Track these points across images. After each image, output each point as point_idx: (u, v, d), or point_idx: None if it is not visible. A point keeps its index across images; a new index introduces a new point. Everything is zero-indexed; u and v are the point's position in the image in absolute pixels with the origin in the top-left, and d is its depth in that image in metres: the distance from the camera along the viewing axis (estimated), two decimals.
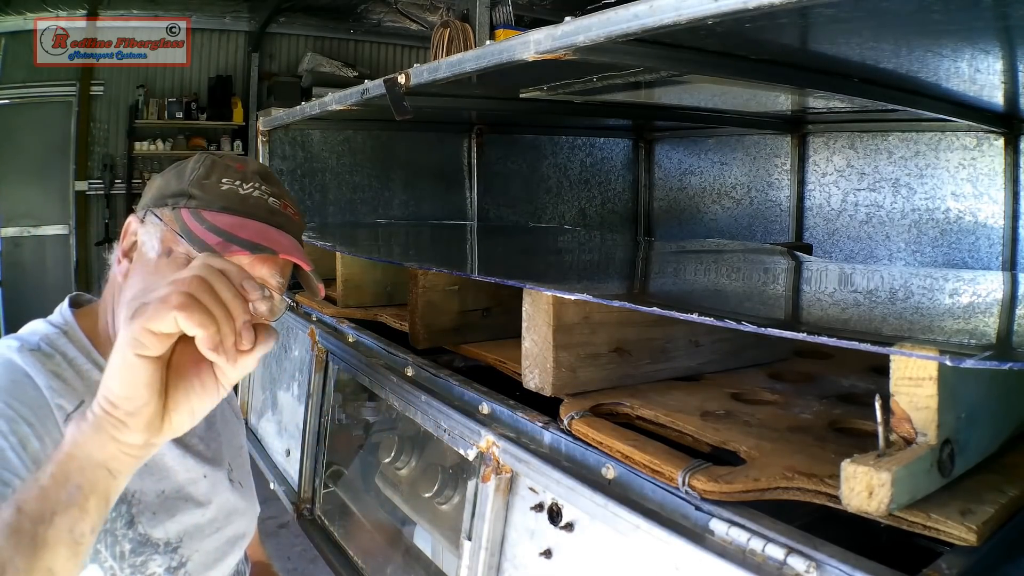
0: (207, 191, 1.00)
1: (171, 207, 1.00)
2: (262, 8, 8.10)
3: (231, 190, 1.02)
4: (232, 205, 1.01)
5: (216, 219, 0.99)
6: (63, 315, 1.04)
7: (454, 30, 4.93)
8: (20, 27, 7.28)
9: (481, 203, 2.72)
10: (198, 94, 8.33)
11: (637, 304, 0.92)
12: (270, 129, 2.36)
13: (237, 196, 1.02)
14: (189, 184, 1.01)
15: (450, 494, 1.13)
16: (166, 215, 1.00)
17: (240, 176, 1.03)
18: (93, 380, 0.97)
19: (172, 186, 1.01)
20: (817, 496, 0.70)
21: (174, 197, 1.00)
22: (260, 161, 1.11)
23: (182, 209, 0.99)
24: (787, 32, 0.95)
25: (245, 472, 1.24)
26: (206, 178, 1.01)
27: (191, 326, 0.70)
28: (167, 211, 1.00)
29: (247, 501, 1.20)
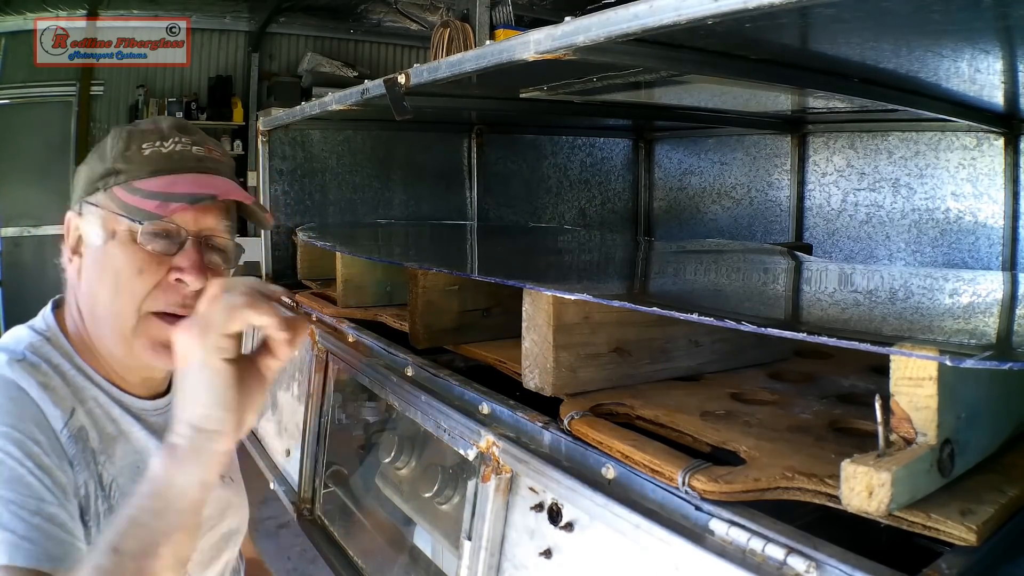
0: (131, 161, 0.98)
1: (102, 189, 0.98)
2: (262, 8, 8.10)
3: (154, 152, 0.99)
4: (159, 166, 0.98)
5: (147, 184, 0.97)
6: (46, 320, 1.02)
7: (454, 30, 4.93)
8: (20, 27, 7.28)
9: (481, 203, 2.72)
10: (198, 94, 8.33)
11: (637, 304, 0.92)
12: (270, 129, 2.36)
13: (161, 156, 0.99)
14: (112, 161, 0.98)
15: (450, 494, 1.13)
16: (100, 199, 0.98)
17: (158, 136, 1.00)
18: (78, 386, 0.96)
19: (97, 169, 0.99)
20: (817, 496, 0.70)
21: (102, 179, 0.98)
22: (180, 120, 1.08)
23: (113, 188, 0.97)
24: (787, 32, 0.95)
25: (234, 467, 1.23)
26: (127, 150, 0.99)
27: (261, 317, 0.80)
28: (100, 195, 0.98)
29: (238, 496, 1.20)
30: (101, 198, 0.98)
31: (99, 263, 0.97)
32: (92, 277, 0.98)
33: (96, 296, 0.98)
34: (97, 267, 0.98)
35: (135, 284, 0.96)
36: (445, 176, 2.67)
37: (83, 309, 0.99)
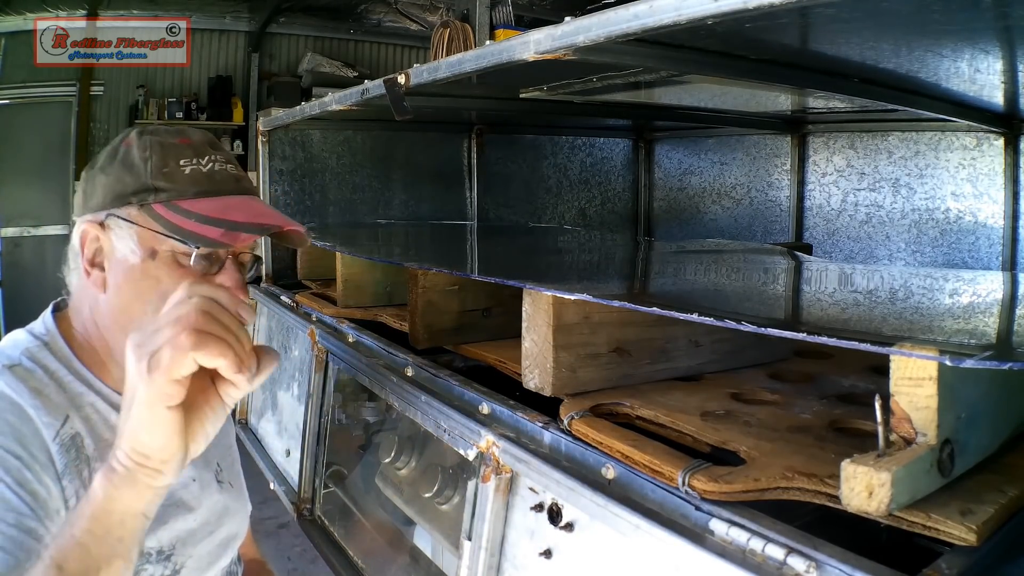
0: (173, 179, 0.95)
1: (137, 205, 0.94)
2: (262, 8, 8.10)
3: (195, 171, 0.96)
4: (204, 188, 0.96)
5: (196, 207, 0.94)
6: (46, 324, 1.00)
7: (454, 30, 4.93)
8: (20, 27, 7.29)
9: (481, 203, 2.72)
10: (198, 94, 8.33)
11: (637, 304, 0.92)
12: (270, 129, 2.36)
13: (203, 176, 0.97)
14: (150, 176, 0.95)
15: (450, 494, 1.13)
16: (134, 215, 0.94)
17: (194, 152, 0.97)
18: (76, 392, 0.94)
19: (128, 182, 0.95)
20: (817, 496, 0.70)
21: (137, 194, 0.94)
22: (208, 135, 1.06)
23: (154, 205, 0.94)
24: (787, 32, 0.95)
25: (235, 471, 1.22)
26: (164, 165, 0.95)
27: (211, 359, 0.71)
28: (133, 210, 0.94)
29: (238, 501, 1.19)
30: (135, 214, 0.94)
31: (137, 281, 0.95)
32: (126, 293, 0.95)
33: (132, 313, 0.95)
34: (134, 285, 0.95)
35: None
36: (445, 176, 2.67)
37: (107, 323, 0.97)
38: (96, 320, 0.98)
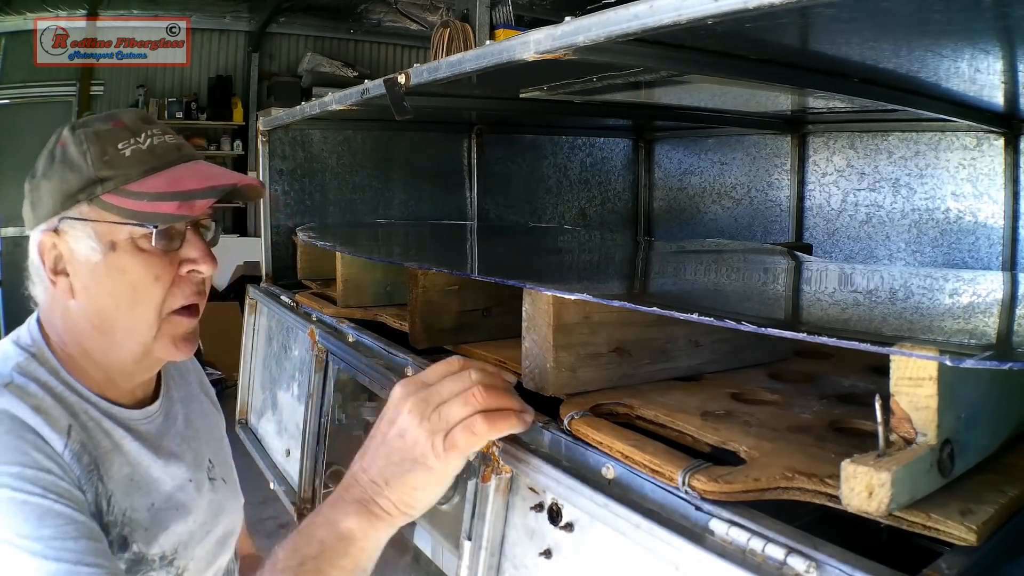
0: (115, 165, 0.92)
1: (87, 201, 0.92)
2: (262, 8, 8.11)
3: (136, 150, 0.94)
4: (148, 164, 0.94)
5: (146, 186, 0.92)
6: (31, 334, 0.98)
7: (454, 30, 4.93)
8: (20, 27, 7.29)
9: (481, 203, 2.72)
10: (198, 94, 8.34)
11: (637, 304, 0.92)
12: (270, 129, 2.36)
13: (145, 153, 0.94)
14: (92, 169, 0.92)
15: (450, 494, 1.12)
16: (86, 211, 0.92)
17: (130, 132, 0.95)
18: (69, 401, 0.92)
19: (72, 180, 0.93)
20: (817, 496, 0.70)
21: (84, 190, 0.92)
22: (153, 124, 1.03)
23: (103, 196, 0.92)
24: (787, 32, 0.95)
25: (228, 466, 1.21)
26: (104, 154, 0.93)
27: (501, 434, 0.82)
28: (84, 207, 0.92)
29: (231, 497, 1.18)
30: (87, 210, 0.92)
31: (103, 279, 0.93)
32: (97, 294, 0.94)
33: (106, 312, 0.94)
34: (102, 283, 0.93)
35: (154, 291, 0.94)
36: (445, 176, 2.67)
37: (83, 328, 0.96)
38: (70, 327, 0.96)
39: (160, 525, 0.99)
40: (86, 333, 0.96)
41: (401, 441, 0.80)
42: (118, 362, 0.98)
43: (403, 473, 0.80)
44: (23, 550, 0.79)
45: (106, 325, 0.95)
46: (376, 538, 0.82)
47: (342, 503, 0.82)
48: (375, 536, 0.81)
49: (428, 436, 0.79)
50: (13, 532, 0.79)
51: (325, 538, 0.80)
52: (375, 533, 0.81)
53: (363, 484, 0.82)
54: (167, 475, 1.03)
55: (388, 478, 0.81)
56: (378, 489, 0.81)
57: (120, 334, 0.96)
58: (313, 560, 0.79)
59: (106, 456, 0.94)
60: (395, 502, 0.81)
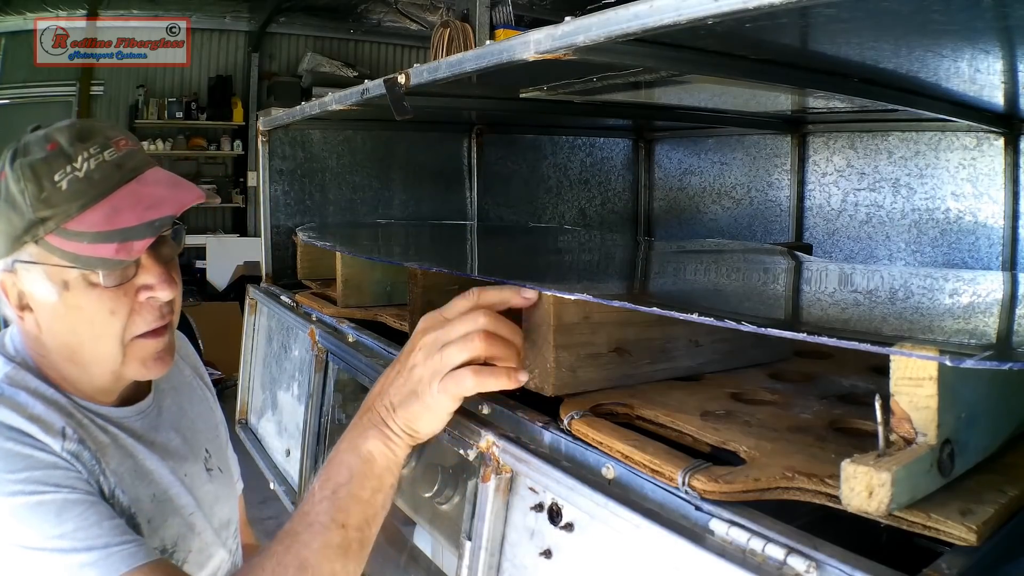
0: (52, 204, 0.88)
1: (32, 242, 0.90)
2: (262, 8, 8.11)
3: (72, 180, 0.89)
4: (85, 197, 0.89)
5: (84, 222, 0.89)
6: (15, 344, 0.98)
7: (454, 30, 4.93)
8: (20, 27, 7.30)
9: (481, 203, 2.71)
10: (198, 94, 8.35)
11: (637, 304, 0.92)
12: (270, 129, 2.36)
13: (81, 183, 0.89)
14: (31, 209, 0.88)
15: (450, 494, 1.12)
16: (34, 252, 0.90)
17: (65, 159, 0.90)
18: (62, 404, 0.93)
19: (15, 222, 0.90)
20: (817, 496, 0.70)
21: (27, 232, 0.89)
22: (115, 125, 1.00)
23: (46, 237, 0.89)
24: (787, 32, 0.95)
25: (224, 454, 1.21)
26: (40, 190, 0.88)
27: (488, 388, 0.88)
28: (32, 247, 0.90)
29: (227, 486, 1.18)
30: (35, 251, 0.90)
31: (63, 317, 0.92)
32: (60, 331, 0.93)
33: (72, 347, 0.94)
34: (62, 321, 0.93)
35: (112, 325, 0.93)
36: (445, 176, 2.67)
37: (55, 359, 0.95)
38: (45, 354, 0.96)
39: (161, 516, 1.00)
40: (57, 362, 0.96)
41: (410, 374, 0.90)
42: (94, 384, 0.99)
43: (407, 402, 0.89)
44: (53, 551, 0.79)
45: (75, 356, 0.95)
46: (393, 457, 0.89)
47: (360, 428, 0.90)
48: (392, 456, 0.89)
49: (430, 376, 0.87)
50: (39, 536, 0.80)
51: (352, 463, 0.88)
52: (391, 453, 0.89)
53: (376, 409, 0.90)
54: (164, 467, 1.03)
55: (395, 404, 0.89)
56: (388, 413, 0.89)
57: (88, 365, 0.96)
58: (345, 486, 0.86)
59: (105, 450, 0.95)
60: (402, 426, 0.89)
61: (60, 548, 0.80)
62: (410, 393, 0.89)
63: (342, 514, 0.85)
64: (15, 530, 0.80)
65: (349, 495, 0.86)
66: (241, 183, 8.57)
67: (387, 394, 0.90)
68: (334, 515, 0.85)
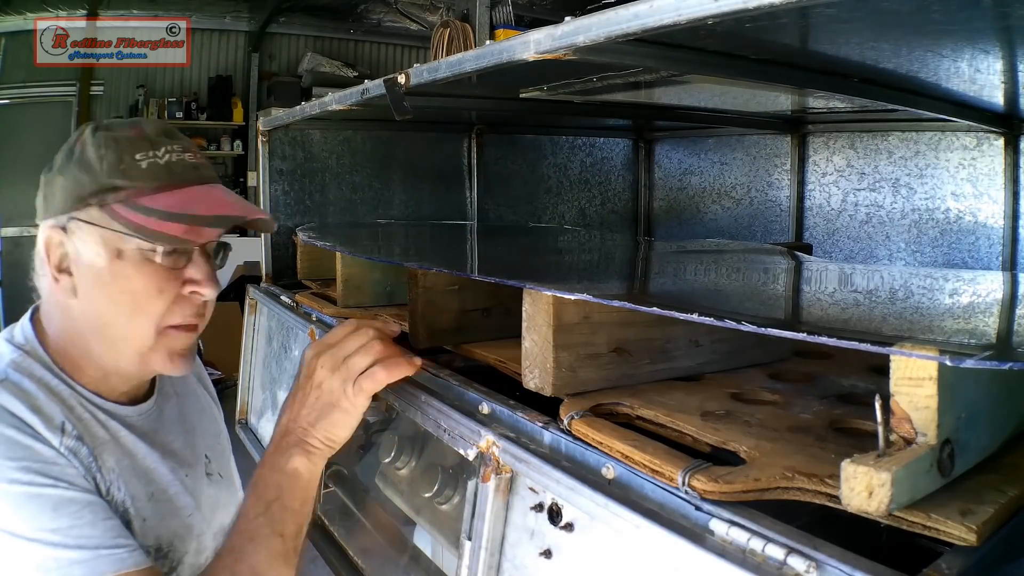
0: (130, 176, 0.92)
1: (97, 206, 0.92)
2: (262, 8, 8.11)
3: (152, 164, 0.94)
4: (163, 181, 0.94)
5: (157, 202, 0.93)
6: (24, 332, 0.98)
7: (454, 30, 4.94)
8: (20, 27, 7.30)
9: (481, 203, 2.71)
10: (198, 94, 8.35)
11: (637, 304, 0.92)
12: (270, 129, 2.36)
13: (160, 168, 0.94)
14: (106, 174, 0.92)
15: (450, 494, 1.12)
16: (95, 216, 0.92)
17: (148, 144, 0.95)
18: (64, 396, 0.93)
19: (85, 182, 0.93)
20: (817, 496, 0.70)
21: (96, 195, 0.92)
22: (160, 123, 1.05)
23: (112, 205, 0.92)
24: (787, 32, 0.95)
25: (225, 460, 1.22)
26: (120, 162, 0.92)
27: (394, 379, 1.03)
28: (94, 211, 0.92)
29: (228, 491, 1.19)
30: (96, 215, 0.92)
31: (106, 284, 0.94)
32: (98, 298, 0.94)
33: (106, 317, 0.95)
34: (104, 288, 0.94)
35: (155, 303, 0.96)
36: (445, 176, 2.67)
37: (82, 328, 0.96)
38: (69, 326, 0.97)
39: (157, 515, 1.00)
40: (84, 332, 0.97)
41: (319, 391, 1.00)
42: (114, 365, 0.99)
43: (325, 415, 1.00)
44: (45, 543, 0.81)
45: (105, 329, 0.96)
46: (315, 470, 1.00)
47: (281, 450, 0.99)
48: (314, 469, 1.00)
49: (341, 384, 0.99)
50: (33, 527, 0.81)
51: (279, 481, 0.97)
52: (313, 466, 1.00)
53: (294, 431, 1.00)
54: (164, 467, 1.04)
55: (313, 421, 1.00)
56: (308, 431, 1.00)
57: (118, 340, 0.97)
58: (277, 501, 0.95)
59: (103, 447, 0.95)
60: (321, 439, 1.00)
61: (52, 542, 0.81)
62: (326, 406, 0.99)
63: (279, 525, 0.93)
64: (7, 517, 0.81)
65: (282, 508, 0.95)
66: (241, 183, 8.57)
67: (300, 417, 1.00)
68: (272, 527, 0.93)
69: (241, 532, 0.93)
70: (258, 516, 0.93)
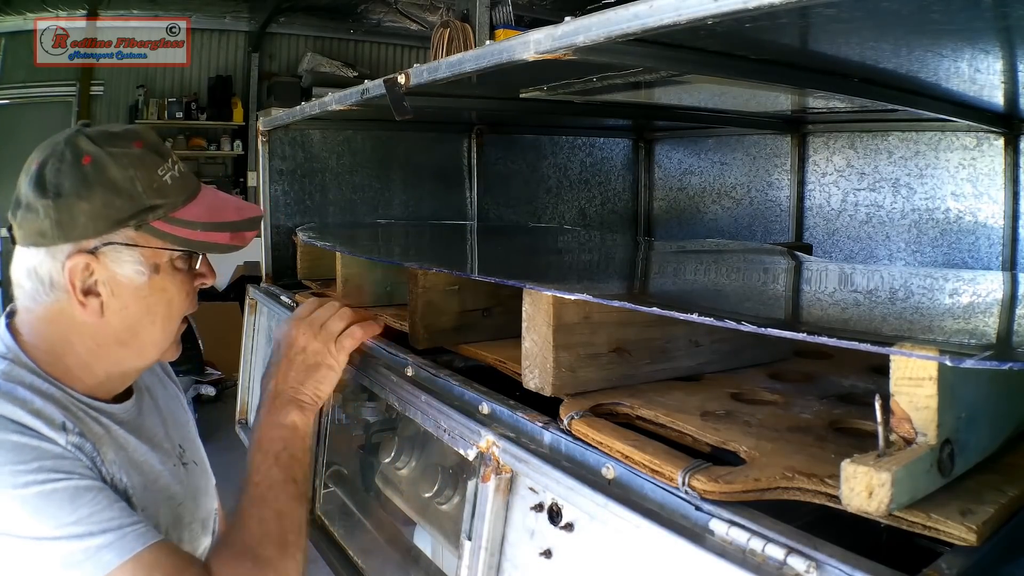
0: (164, 193, 0.97)
1: (135, 227, 0.95)
2: (262, 8, 8.11)
3: (173, 177, 0.99)
4: (186, 193, 1.01)
5: (190, 214, 1.00)
6: (5, 343, 0.97)
7: (454, 30, 4.94)
8: (20, 27, 7.30)
9: (481, 203, 2.71)
10: (198, 94, 8.34)
11: (637, 304, 0.92)
12: (270, 129, 2.36)
13: (181, 181, 1.01)
14: (145, 196, 0.95)
15: (450, 494, 1.13)
16: (134, 236, 0.95)
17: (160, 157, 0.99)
18: (58, 397, 0.93)
19: (120, 205, 0.93)
20: (817, 496, 0.70)
21: (135, 216, 0.94)
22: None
23: (153, 223, 0.96)
24: (787, 32, 0.95)
25: (196, 447, 1.24)
26: (152, 181, 0.96)
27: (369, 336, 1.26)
28: (131, 232, 0.95)
29: (204, 477, 1.21)
30: (134, 235, 0.96)
31: (146, 298, 0.99)
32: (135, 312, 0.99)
33: (139, 327, 1.00)
34: (143, 302, 0.99)
35: (185, 305, 1.06)
36: (445, 176, 2.67)
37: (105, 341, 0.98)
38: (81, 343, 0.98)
39: (154, 504, 1.02)
40: (105, 346, 0.99)
41: (304, 354, 1.16)
42: (128, 370, 1.05)
43: (312, 374, 1.15)
44: (71, 537, 0.82)
45: (135, 340, 1.01)
46: (309, 422, 1.13)
47: (277, 408, 1.11)
48: (308, 421, 1.13)
49: (323, 345, 1.17)
50: (55, 525, 0.82)
51: (281, 435, 1.08)
52: (308, 419, 1.13)
53: (285, 391, 1.13)
54: (154, 458, 1.06)
55: (302, 380, 1.14)
56: (298, 389, 1.13)
57: (147, 346, 1.03)
58: (284, 451, 1.06)
59: (101, 440, 0.98)
60: (311, 394, 1.14)
61: (77, 534, 0.82)
62: (312, 366, 1.15)
63: (290, 471, 1.05)
64: (28, 525, 0.82)
65: (290, 457, 1.06)
66: (241, 183, 8.57)
67: (289, 379, 1.14)
68: (285, 473, 1.04)
69: (257, 484, 1.02)
70: (270, 468, 1.03)
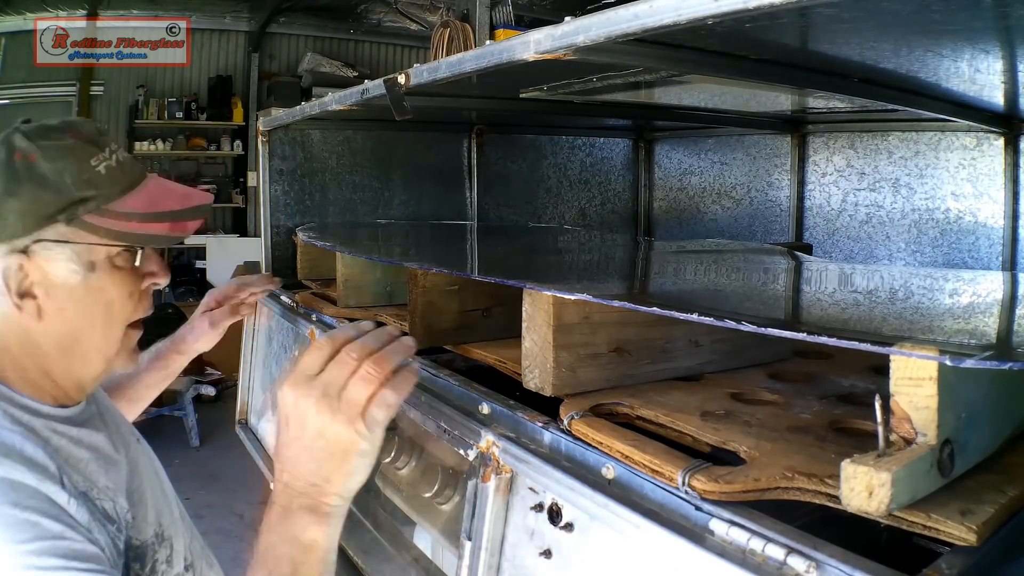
0: (95, 184, 0.89)
1: (65, 222, 0.87)
2: (262, 8, 8.10)
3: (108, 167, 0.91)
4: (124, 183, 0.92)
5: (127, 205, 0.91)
6: None
7: (454, 30, 4.93)
8: (20, 27, 7.29)
9: (481, 203, 2.72)
10: (198, 94, 8.33)
11: (637, 304, 0.92)
12: (270, 129, 2.36)
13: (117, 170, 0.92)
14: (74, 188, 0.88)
15: (450, 494, 1.13)
16: (64, 232, 0.88)
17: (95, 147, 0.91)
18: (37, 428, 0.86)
19: (48, 200, 0.87)
20: (817, 496, 0.70)
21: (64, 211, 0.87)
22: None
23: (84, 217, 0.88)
24: (787, 32, 0.95)
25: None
26: (82, 171, 0.88)
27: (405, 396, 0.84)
28: (62, 227, 0.88)
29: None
30: (65, 231, 0.88)
31: (81, 299, 0.90)
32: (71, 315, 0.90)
33: (78, 332, 0.92)
34: (79, 303, 0.90)
35: (127, 308, 0.94)
36: (445, 176, 2.67)
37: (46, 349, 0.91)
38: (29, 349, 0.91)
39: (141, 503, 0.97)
40: (50, 353, 0.92)
41: (324, 440, 0.82)
42: (80, 378, 0.96)
43: (340, 465, 0.82)
44: None
45: (75, 345, 0.93)
46: (334, 534, 0.84)
47: (293, 516, 0.83)
48: (333, 534, 0.84)
49: (347, 425, 0.81)
50: None
51: (293, 554, 0.81)
52: (332, 531, 0.83)
53: (303, 491, 0.83)
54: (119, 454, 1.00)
55: (327, 475, 0.82)
56: (320, 488, 0.82)
57: (89, 352, 0.94)
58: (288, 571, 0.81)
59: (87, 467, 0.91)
60: (338, 493, 0.83)
61: None
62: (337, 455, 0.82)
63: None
64: None
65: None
66: (241, 183, 8.57)
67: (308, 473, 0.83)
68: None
69: None
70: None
